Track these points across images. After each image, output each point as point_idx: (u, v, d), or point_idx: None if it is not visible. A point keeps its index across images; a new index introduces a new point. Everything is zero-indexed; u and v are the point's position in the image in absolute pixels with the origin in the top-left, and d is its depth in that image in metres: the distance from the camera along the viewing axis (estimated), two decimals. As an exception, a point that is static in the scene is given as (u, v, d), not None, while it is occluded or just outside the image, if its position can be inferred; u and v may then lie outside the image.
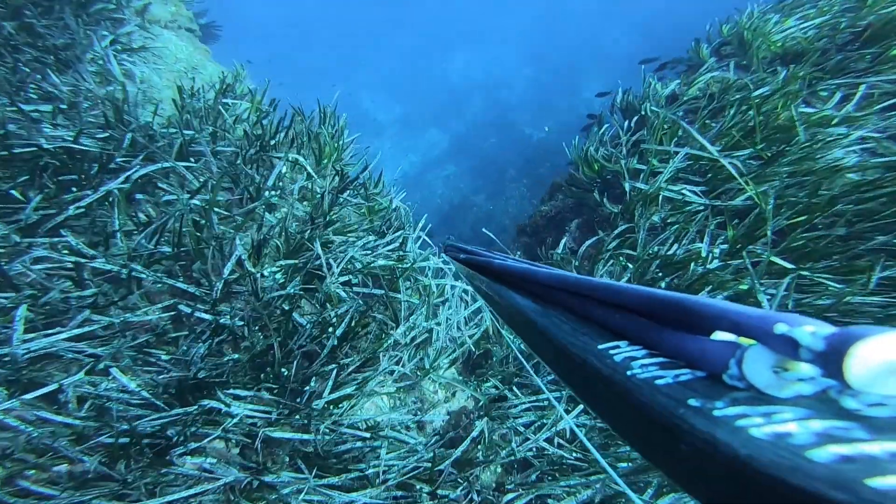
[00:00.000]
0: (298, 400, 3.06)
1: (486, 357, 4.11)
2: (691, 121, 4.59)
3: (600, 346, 0.67)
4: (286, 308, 3.20)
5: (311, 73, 24.27)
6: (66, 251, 2.83)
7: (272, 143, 3.97)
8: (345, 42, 25.53)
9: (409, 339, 3.67)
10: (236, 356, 2.97)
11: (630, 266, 3.94)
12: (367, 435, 3.08)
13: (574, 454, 3.46)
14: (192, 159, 3.55)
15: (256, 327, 3.16)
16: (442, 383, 3.89)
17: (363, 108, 22.24)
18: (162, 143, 3.37)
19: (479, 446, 3.48)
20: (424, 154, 19.64)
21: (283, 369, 3.14)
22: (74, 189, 3.05)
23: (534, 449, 3.51)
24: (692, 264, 3.53)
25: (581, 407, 3.54)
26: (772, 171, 3.74)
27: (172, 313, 3.04)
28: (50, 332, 2.59)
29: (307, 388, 3.15)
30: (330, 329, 3.27)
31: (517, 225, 7.14)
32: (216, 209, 3.48)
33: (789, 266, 3.32)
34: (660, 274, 3.68)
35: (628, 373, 0.57)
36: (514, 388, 3.74)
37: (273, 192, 3.78)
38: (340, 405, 3.26)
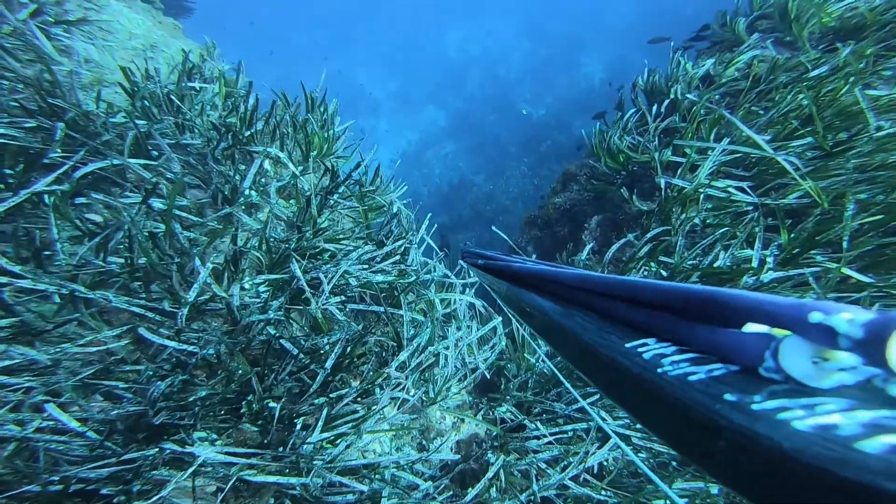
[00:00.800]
0: (285, 444, 2.58)
1: (499, 375, 3.63)
2: (730, 106, 4.01)
3: (628, 345, 0.66)
4: (271, 333, 2.69)
5: (303, 51, 23.45)
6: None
7: (248, 134, 3.40)
8: (338, 17, 24.65)
9: (413, 363, 3.17)
10: (203, 393, 2.46)
11: (664, 275, 3.43)
12: (364, 488, 2.60)
13: (604, 493, 3.02)
14: (155, 153, 2.99)
15: (237, 351, 2.66)
16: (450, 408, 3.42)
17: (358, 86, 21.62)
18: (109, 135, 2.79)
19: (492, 489, 3.02)
20: (423, 132, 19.29)
21: (270, 402, 2.66)
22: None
23: (556, 486, 3.06)
24: (743, 277, 3.01)
25: (612, 442, 3.09)
26: (837, 163, 3.19)
27: (127, 341, 2.53)
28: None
29: (295, 425, 2.67)
30: (322, 356, 2.78)
31: (526, 216, 6.62)
32: (184, 214, 2.93)
33: (866, 279, 2.80)
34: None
35: (659, 370, 0.56)
36: (536, 420, 3.26)
37: (253, 192, 3.24)
38: (336, 443, 2.79)
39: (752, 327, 0.54)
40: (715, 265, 3.12)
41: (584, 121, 16.18)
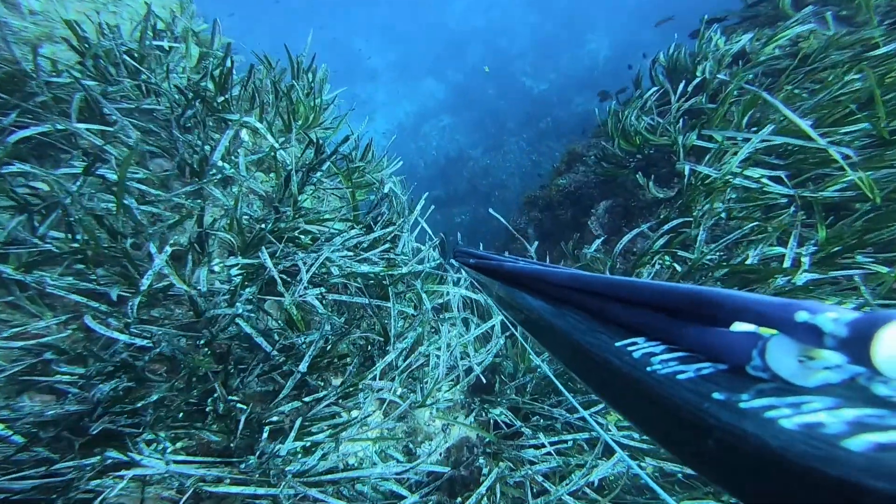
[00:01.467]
0: (254, 451, 2.27)
1: (494, 372, 3.33)
2: (767, 87, 3.60)
3: (618, 344, 0.66)
4: (242, 327, 2.35)
5: (298, 15, 22.64)
6: None
7: (221, 100, 3.01)
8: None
9: (401, 364, 2.85)
10: (156, 397, 2.13)
11: (680, 270, 3.10)
12: (341, 507, 2.29)
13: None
14: (115, 119, 2.59)
15: (200, 345, 2.33)
16: (440, 408, 3.12)
17: (355, 53, 21.02)
18: (46, 96, 2.40)
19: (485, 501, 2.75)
20: (421, 104, 18.93)
21: (238, 404, 2.34)
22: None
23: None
24: (774, 278, 2.68)
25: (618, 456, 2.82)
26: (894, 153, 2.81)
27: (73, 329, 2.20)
28: None
29: (263, 431, 2.36)
30: (298, 354, 2.45)
31: (526, 196, 6.27)
32: (143, 187, 2.56)
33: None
34: (728, 287, 2.83)
35: (648, 369, 0.56)
36: (533, 427, 2.96)
37: (226, 164, 2.86)
38: (312, 450, 2.50)
39: (739, 326, 0.55)
40: (748, 262, 2.77)
41: (586, 98, 16.05)
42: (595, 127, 5.87)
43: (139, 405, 2.07)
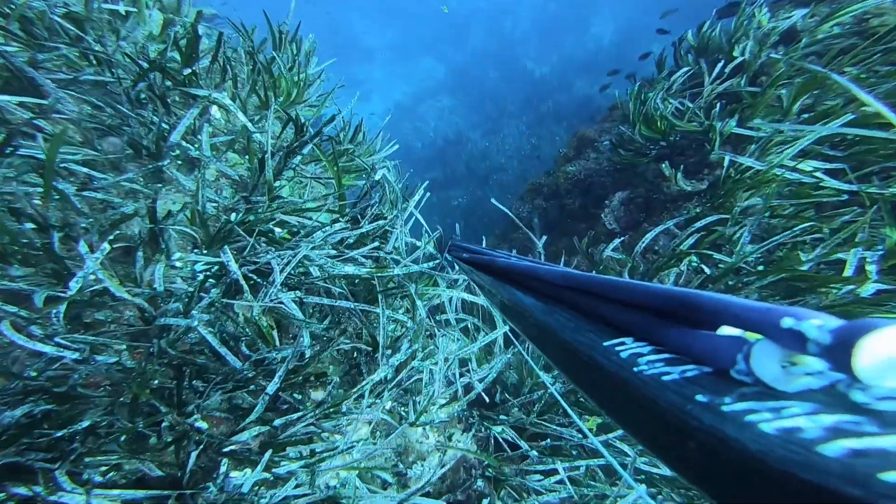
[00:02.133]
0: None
1: (496, 382, 2.96)
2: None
3: (606, 343, 0.66)
4: (203, 335, 1.96)
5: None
6: None
7: (187, 73, 2.58)
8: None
9: (392, 378, 2.48)
10: (86, 423, 1.75)
11: (709, 273, 2.71)
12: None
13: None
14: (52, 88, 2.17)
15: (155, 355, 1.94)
16: (434, 424, 2.77)
17: (352, 32, 20.47)
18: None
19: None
20: (419, 84, 18.65)
21: (196, 422, 1.98)
22: None
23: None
24: (835, 287, 2.28)
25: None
26: None
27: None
28: None
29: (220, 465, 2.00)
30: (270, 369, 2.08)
31: (530, 183, 5.86)
32: (84, 169, 2.15)
33: None
34: (771, 297, 2.43)
35: (635, 369, 0.56)
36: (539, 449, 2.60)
37: (190, 147, 2.46)
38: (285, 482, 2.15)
39: (726, 330, 0.55)
40: (797, 268, 2.36)
41: (588, 82, 16.05)
42: (605, 111, 5.47)
43: (62, 433, 1.69)
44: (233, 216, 2.41)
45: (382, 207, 2.97)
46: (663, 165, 3.13)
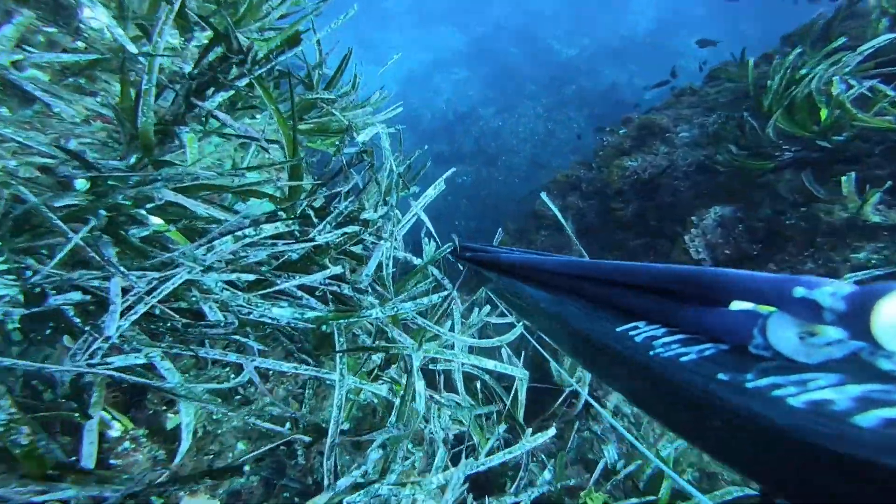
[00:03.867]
0: None
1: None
2: None
3: (619, 329, 0.64)
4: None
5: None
6: None
7: None
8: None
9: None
10: None
11: None
12: None
13: None
14: None
15: None
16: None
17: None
18: None
19: None
20: (436, 53, 18.16)
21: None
22: None
23: None
24: None
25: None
26: None
27: None
28: None
29: None
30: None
31: (561, 174, 4.71)
32: None
33: None
34: None
35: (651, 353, 0.55)
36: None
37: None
38: None
39: (738, 305, 0.54)
40: None
41: (616, 71, 15.25)
42: (630, 105, 4.30)
43: None
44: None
45: (365, 197, 1.82)
46: (844, 179, 1.92)
